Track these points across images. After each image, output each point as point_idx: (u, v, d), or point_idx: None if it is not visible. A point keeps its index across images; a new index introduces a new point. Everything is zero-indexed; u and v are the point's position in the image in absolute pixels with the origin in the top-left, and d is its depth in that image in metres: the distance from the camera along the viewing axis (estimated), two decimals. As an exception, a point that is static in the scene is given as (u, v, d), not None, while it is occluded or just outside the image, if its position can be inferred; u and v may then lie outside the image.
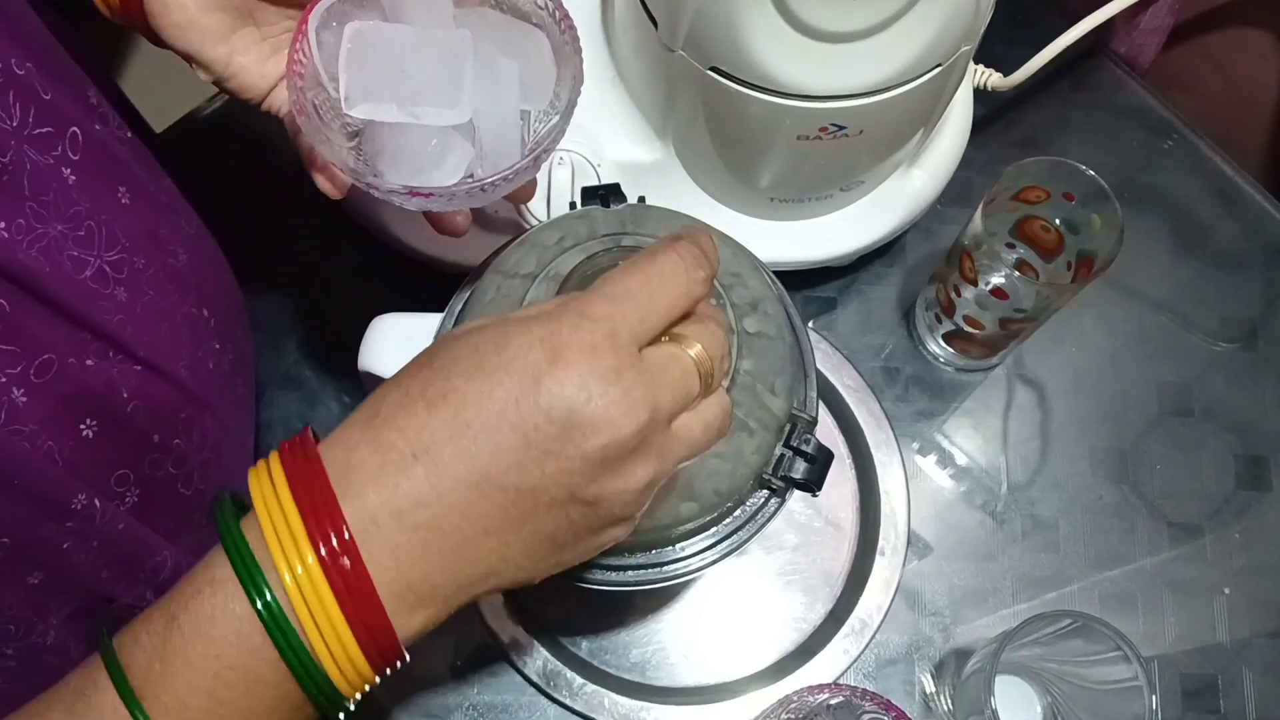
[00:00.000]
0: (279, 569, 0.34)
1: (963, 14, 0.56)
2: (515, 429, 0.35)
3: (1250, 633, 0.72)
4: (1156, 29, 0.82)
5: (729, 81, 0.58)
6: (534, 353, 0.35)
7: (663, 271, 0.38)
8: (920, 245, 0.80)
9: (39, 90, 0.46)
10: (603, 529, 0.38)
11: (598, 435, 0.35)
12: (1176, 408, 0.77)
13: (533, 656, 0.69)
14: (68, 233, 0.47)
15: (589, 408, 0.35)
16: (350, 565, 0.34)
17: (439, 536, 0.35)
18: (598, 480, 0.36)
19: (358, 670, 0.36)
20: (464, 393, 0.35)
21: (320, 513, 0.34)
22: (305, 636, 0.34)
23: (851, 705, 0.64)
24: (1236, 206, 0.82)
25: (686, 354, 0.38)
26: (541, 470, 0.35)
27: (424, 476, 0.35)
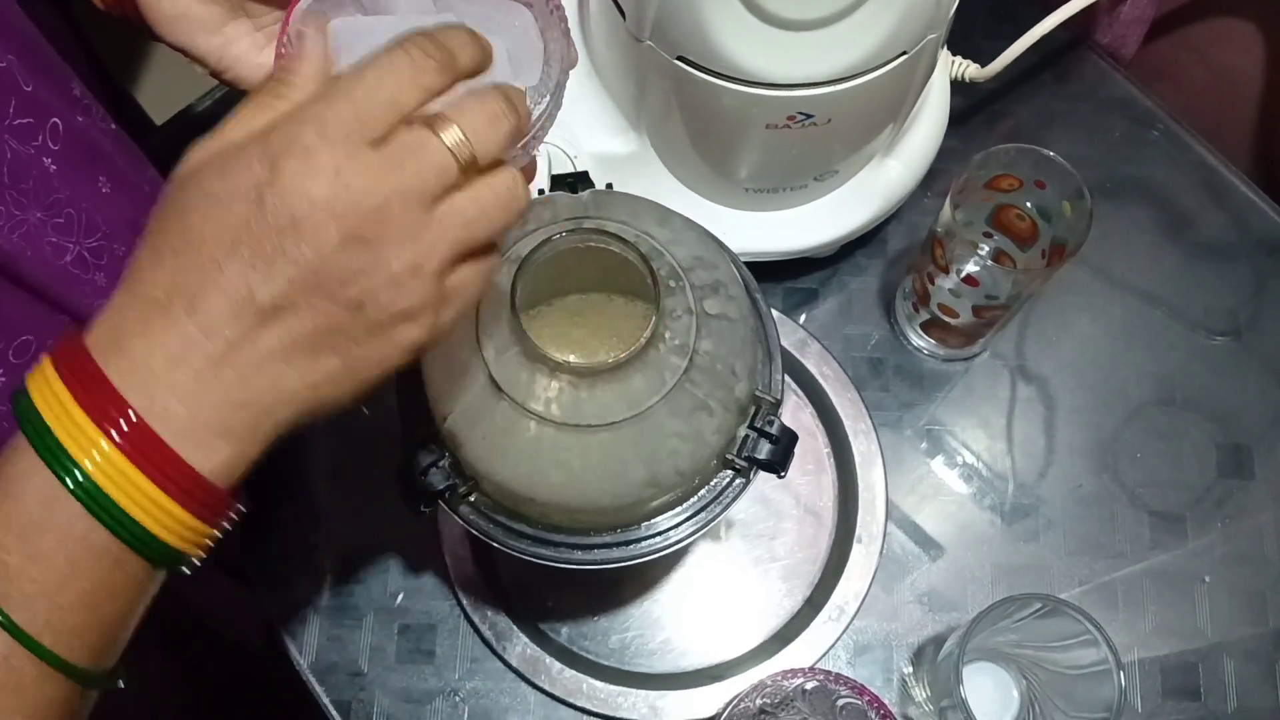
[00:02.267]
0: (77, 459, 0.35)
1: (924, 2, 0.57)
2: (252, 249, 0.35)
3: (1231, 621, 0.72)
4: (1138, 20, 0.82)
5: (696, 71, 0.59)
6: (254, 170, 0.36)
7: (381, 64, 0.38)
8: (902, 237, 0.81)
9: (20, 82, 0.47)
10: (387, 329, 0.38)
11: (327, 234, 0.35)
12: (1158, 397, 0.77)
13: (513, 643, 0.70)
14: (46, 220, 0.48)
15: (314, 209, 0.35)
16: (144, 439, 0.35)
17: (213, 368, 0.36)
18: (349, 279, 0.36)
19: (185, 525, 0.37)
20: (198, 228, 0.36)
21: (104, 404, 0.35)
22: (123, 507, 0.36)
23: (826, 690, 0.64)
24: (1221, 197, 0.82)
25: (434, 136, 0.37)
26: (287, 279, 0.35)
27: (184, 313, 0.35)
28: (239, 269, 0.35)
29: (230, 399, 0.36)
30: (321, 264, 0.35)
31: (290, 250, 0.35)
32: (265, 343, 0.36)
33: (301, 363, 0.37)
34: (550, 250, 0.48)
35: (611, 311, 0.58)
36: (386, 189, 0.36)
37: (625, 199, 0.54)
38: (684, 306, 0.49)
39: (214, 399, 0.36)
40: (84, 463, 0.35)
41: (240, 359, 0.36)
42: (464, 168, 0.38)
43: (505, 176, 0.40)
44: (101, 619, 0.37)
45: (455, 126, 0.38)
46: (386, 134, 0.37)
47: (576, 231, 0.49)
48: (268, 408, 0.37)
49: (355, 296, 0.36)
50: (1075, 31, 0.85)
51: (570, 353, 0.58)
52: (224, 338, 0.36)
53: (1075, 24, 0.76)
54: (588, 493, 0.50)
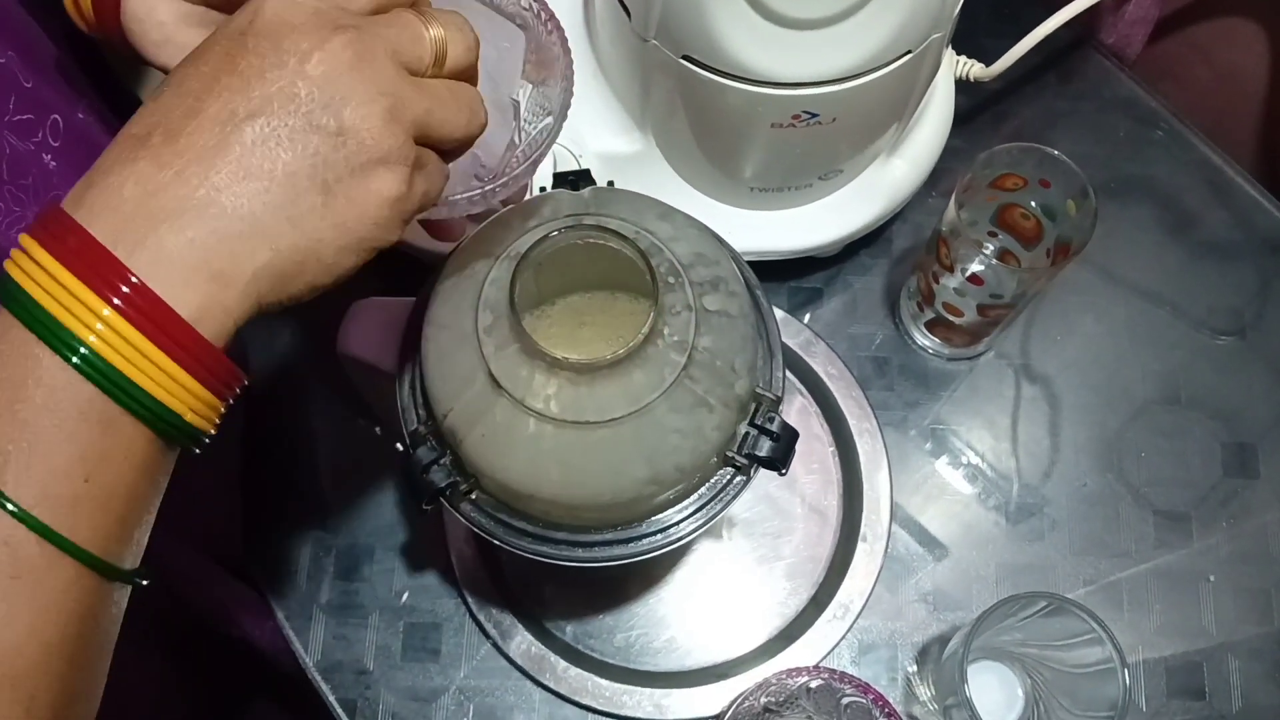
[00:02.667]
0: (78, 333, 0.33)
1: (929, 1, 0.57)
2: (232, 75, 0.35)
3: (1236, 620, 0.72)
4: (1142, 19, 0.82)
5: (701, 70, 0.59)
6: (237, 19, 0.36)
7: None
8: (906, 236, 0.81)
9: (19, 78, 0.48)
10: (364, 170, 0.36)
11: (307, 58, 0.35)
12: (1163, 396, 0.77)
13: (518, 641, 0.70)
14: None
15: (293, 35, 0.35)
16: (148, 303, 0.34)
17: (188, 192, 0.34)
18: (329, 104, 0.35)
19: (200, 398, 0.36)
20: (182, 72, 0.36)
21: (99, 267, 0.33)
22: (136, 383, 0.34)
23: (831, 688, 0.64)
24: (1225, 196, 0.82)
25: (416, 16, 0.38)
26: (266, 101, 0.35)
27: (161, 143, 0.34)
28: (218, 95, 0.35)
29: (204, 224, 0.34)
30: (303, 85, 0.35)
31: (270, 72, 0.35)
32: (244, 166, 0.35)
33: (284, 193, 0.35)
34: (549, 246, 0.48)
35: (617, 310, 0.58)
36: (366, 27, 0.36)
37: (627, 196, 0.54)
38: (683, 303, 0.49)
39: (190, 226, 0.34)
40: (87, 337, 0.33)
41: (217, 182, 0.35)
42: (436, 59, 0.38)
43: (471, 88, 0.40)
44: (108, 498, 0.35)
45: (439, 26, 0.38)
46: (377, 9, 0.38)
47: (575, 228, 0.49)
48: (245, 242, 0.35)
49: (336, 125, 0.35)
50: (1079, 31, 0.85)
51: (578, 352, 0.58)
52: (202, 163, 0.34)
53: (1079, 24, 0.76)
54: (588, 489, 0.50)
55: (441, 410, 0.50)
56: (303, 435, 0.77)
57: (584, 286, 0.58)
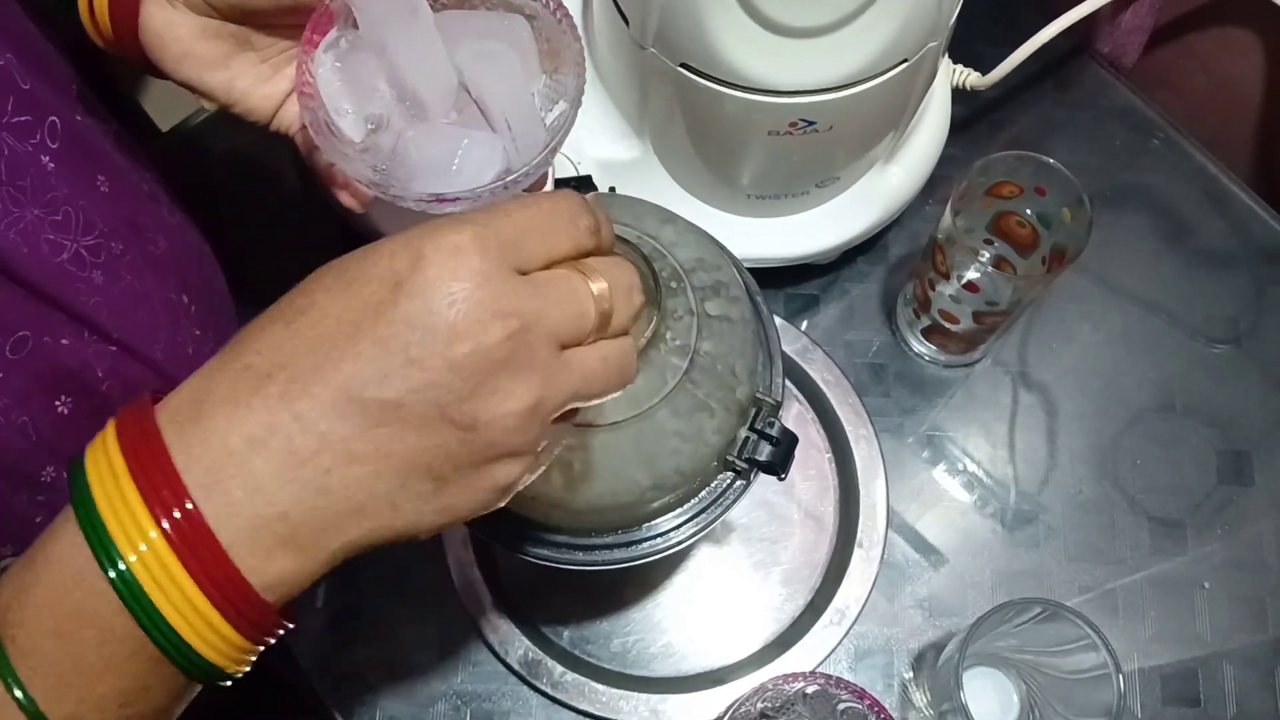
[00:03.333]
0: (121, 549, 0.31)
1: (925, 10, 0.57)
2: (374, 339, 0.32)
3: (1231, 627, 0.72)
4: (1138, 28, 0.83)
5: (699, 78, 0.60)
6: (396, 259, 0.32)
7: (544, 203, 0.35)
8: (903, 244, 0.81)
9: (18, 80, 0.47)
10: (488, 464, 0.34)
11: (462, 341, 0.32)
12: (1159, 403, 0.77)
13: (515, 646, 0.70)
14: (44, 217, 0.48)
15: (452, 310, 0.32)
16: (196, 533, 0.32)
17: (296, 462, 0.32)
18: (469, 397, 0.32)
19: (227, 640, 0.33)
20: (323, 306, 0.33)
21: (159, 485, 0.32)
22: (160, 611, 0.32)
23: (827, 694, 0.64)
24: (1221, 205, 0.83)
25: (584, 281, 0.35)
26: (405, 382, 0.32)
27: (279, 395, 0.32)
28: (355, 358, 0.32)
29: (303, 502, 0.32)
30: (450, 376, 0.32)
31: (417, 351, 0.32)
32: (361, 444, 0.32)
33: (395, 479, 0.33)
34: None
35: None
36: (531, 312, 0.33)
37: (628, 201, 0.54)
38: (685, 307, 0.49)
39: (286, 498, 0.32)
40: (128, 555, 0.31)
41: (327, 459, 0.32)
42: (599, 323, 0.35)
43: (627, 344, 0.38)
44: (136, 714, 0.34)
45: (603, 280, 0.35)
46: (536, 268, 0.35)
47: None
48: (340, 521, 0.33)
49: (471, 419, 0.33)
50: (1076, 40, 0.86)
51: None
52: (318, 431, 0.32)
53: (1076, 32, 0.76)
54: (589, 493, 0.50)
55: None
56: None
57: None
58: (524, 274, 0.34)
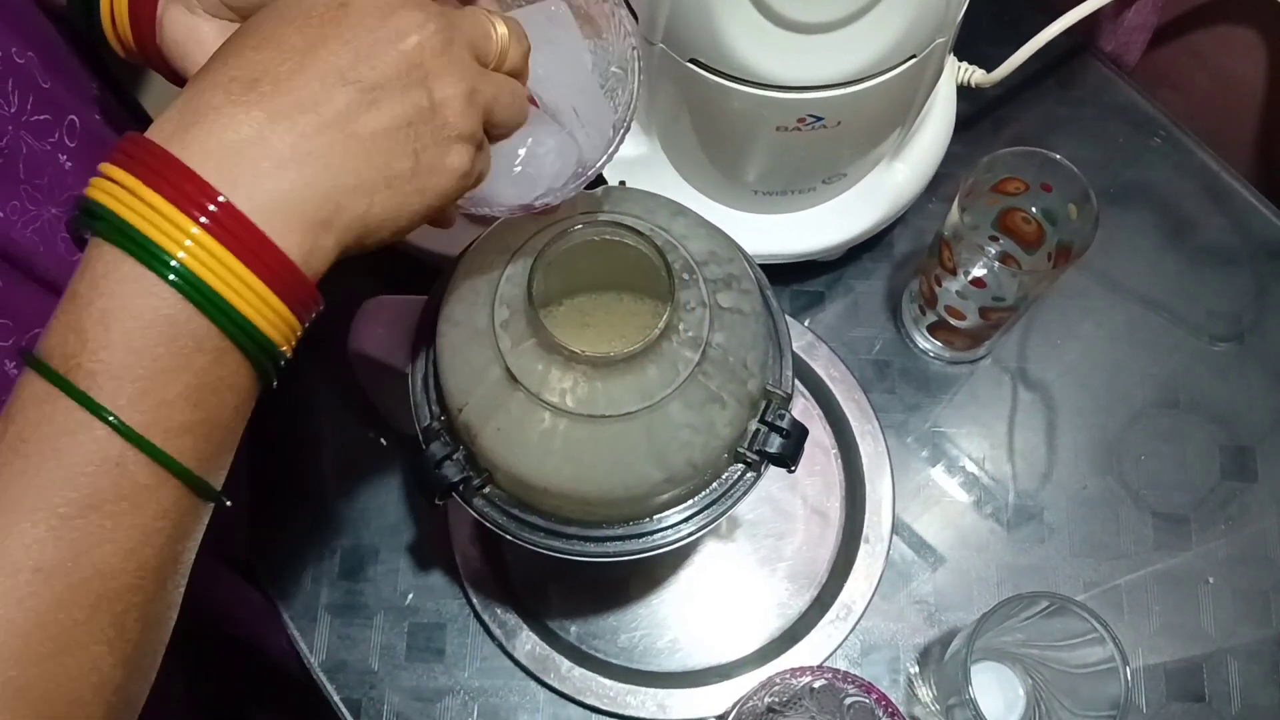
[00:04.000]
0: (169, 250, 0.34)
1: (933, 6, 0.57)
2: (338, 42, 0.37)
3: (1235, 621, 0.72)
4: (1141, 26, 0.83)
5: (707, 73, 0.60)
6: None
7: None
8: (908, 241, 0.82)
9: (38, 79, 0.48)
10: (447, 144, 0.39)
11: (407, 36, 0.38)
12: (1162, 399, 0.78)
13: (522, 641, 0.70)
14: (61, 216, 0.49)
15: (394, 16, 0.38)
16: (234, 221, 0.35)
17: (304, 141, 0.36)
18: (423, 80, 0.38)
19: (279, 314, 0.37)
20: (281, 30, 0.37)
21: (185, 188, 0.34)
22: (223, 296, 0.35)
23: (834, 688, 0.65)
24: (1223, 202, 0.83)
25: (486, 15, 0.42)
26: (371, 69, 0.37)
27: (272, 91, 0.35)
28: (328, 55, 0.36)
29: (312, 182, 0.36)
30: (403, 62, 0.37)
31: (375, 44, 0.37)
32: (356, 125, 0.37)
33: (383, 154, 0.38)
34: (567, 241, 0.49)
35: (621, 310, 0.59)
36: (455, 24, 0.39)
37: (640, 195, 0.54)
38: (697, 299, 0.50)
39: (298, 180, 0.36)
40: (176, 252, 0.34)
41: (330, 135, 0.36)
42: (496, 51, 0.42)
43: (520, 86, 0.44)
44: (206, 418, 0.36)
45: (501, 24, 0.42)
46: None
47: (594, 224, 0.49)
48: (346, 196, 0.37)
49: (429, 99, 0.38)
50: (1079, 38, 0.86)
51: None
52: (316, 112, 0.36)
53: (1079, 31, 0.77)
54: (601, 484, 0.50)
55: (456, 405, 0.51)
56: (308, 437, 0.77)
57: (589, 288, 0.58)
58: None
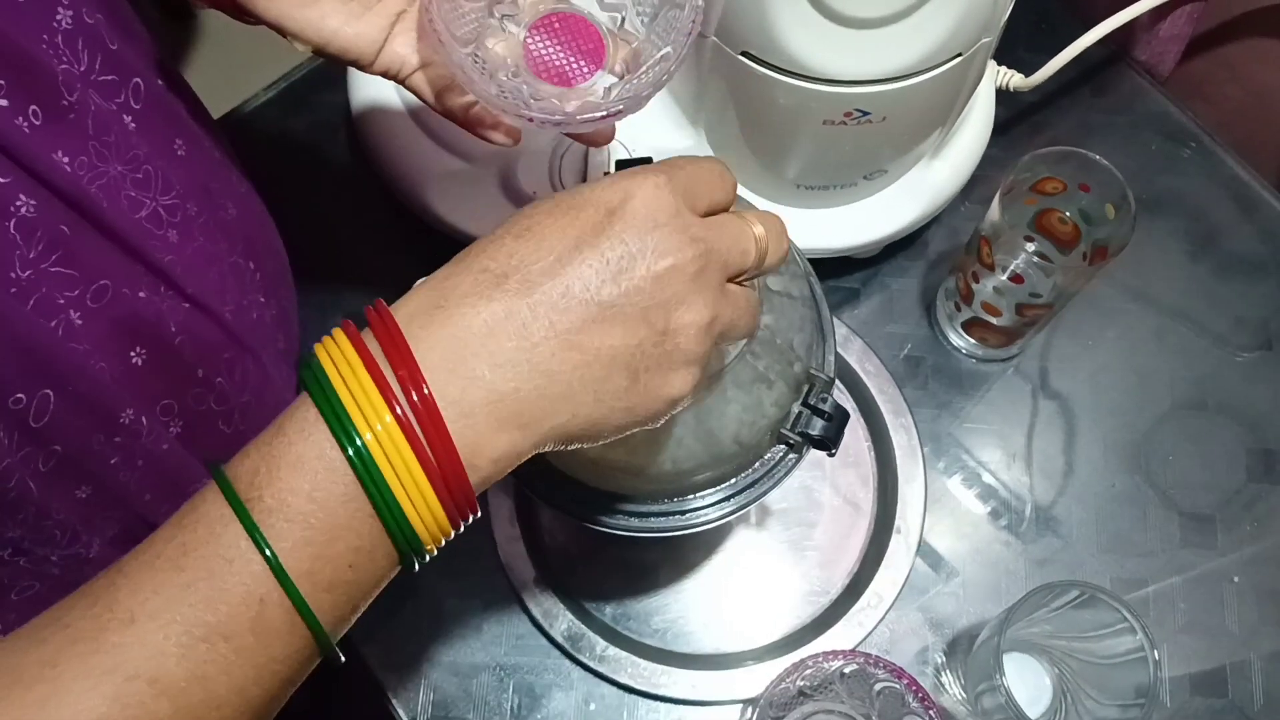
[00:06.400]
0: (359, 428, 0.36)
1: (981, 5, 0.59)
2: (594, 251, 0.38)
3: (1259, 620, 0.74)
4: (1176, 37, 0.84)
5: (759, 66, 0.62)
6: (606, 193, 0.39)
7: (702, 162, 0.43)
8: (943, 241, 0.83)
9: (106, 40, 0.49)
10: (671, 369, 0.40)
11: (663, 259, 0.39)
12: (1190, 401, 0.79)
13: (558, 620, 0.72)
14: (126, 174, 0.50)
15: (656, 233, 0.39)
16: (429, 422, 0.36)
17: (530, 344, 0.37)
18: (665, 304, 0.39)
19: (437, 519, 0.38)
20: (546, 225, 0.39)
21: (396, 371, 0.37)
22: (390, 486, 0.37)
23: (865, 673, 0.66)
24: (1253, 211, 0.85)
25: (747, 224, 0.42)
26: (617, 286, 0.38)
27: (515, 290, 0.38)
28: (578, 265, 0.38)
29: (531, 381, 0.38)
30: (651, 284, 0.39)
31: (628, 263, 0.38)
32: (580, 338, 0.38)
33: (602, 370, 0.39)
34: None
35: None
36: (712, 240, 0.40)
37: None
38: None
39: (519, 376, 0.37)
40: (365, 434, 0.36)
41: (554, 344, 0.38)
42: (755, 262, 0.43)
43: (756, 297, 0.45)
44: (352, 581, 0.38)
45: (760, 225, 0.43)
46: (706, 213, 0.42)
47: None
48: (555, 403, 0.38)
49: (665, 323, 0.39)
50: (1115, 48, 0.88)
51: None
52: (548, 319, 0.38)
53: (1115, 40, 0.78)
54: (650, 459, 0.52)
55: (511, 378, 0.52)
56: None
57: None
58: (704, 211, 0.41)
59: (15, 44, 0.42)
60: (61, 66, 0.45)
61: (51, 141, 0.45)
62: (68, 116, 0.45)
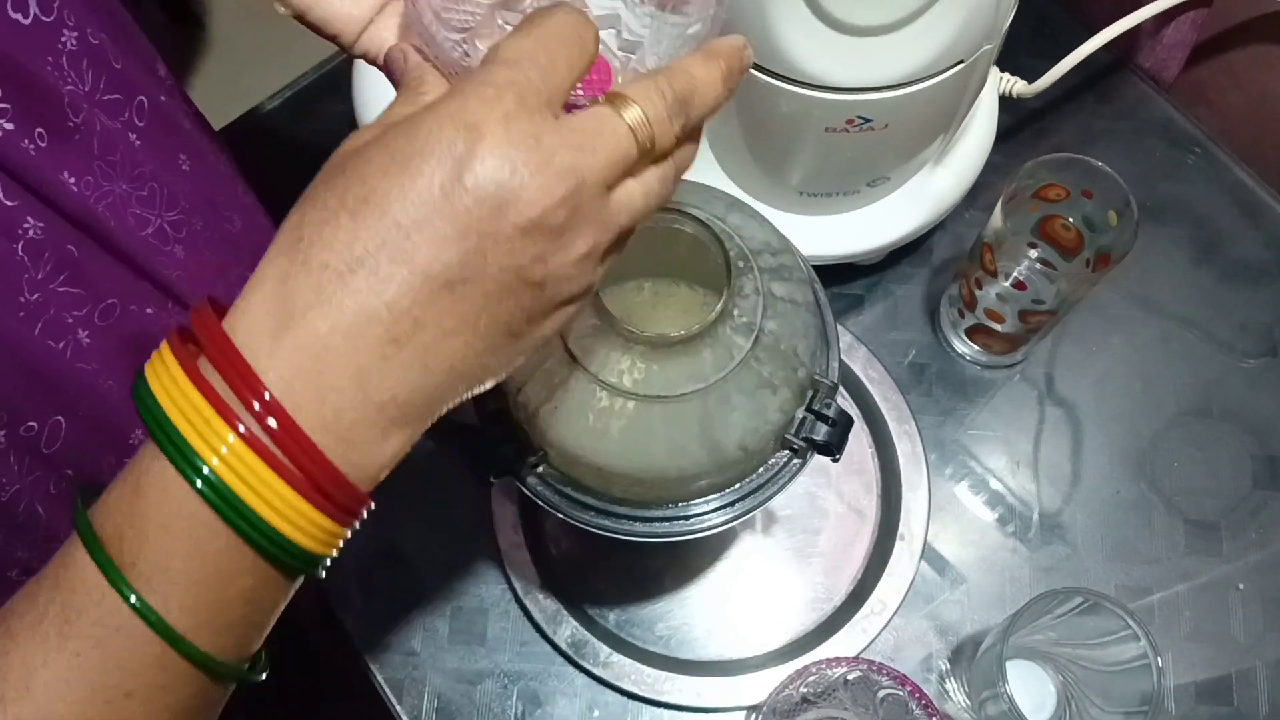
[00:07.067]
0: (202, 455, 0.32)
1: (983, 12, 0.59)
2: (448, 219, 0.33)
3: (1264, 628, 0.73)
4: (1180, 44, 0.85)
5: (761, 74, 0.62)
6: (447, 131, 0.33)
7: (551, 27, 0.36)
8: (947, 247, 0.83)
9: (110, 59, 0.50)
10: (554, 310, 0.36)
11: (531, 208, 0.33)
12: (1195, 409, 0.79)
13: (562, 627, 0.72)
14: (131, 192, 0.50)
15: (517, 180, 0.33)
16: (279, 426, 0.32)
17: (396, 349, 0.33)
18: (540, 258, 0.34)
19: (321, 527, 0.34)
20: (385, 192, 0.33)
21: (235, 384, 0.33)
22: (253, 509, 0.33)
23: (869, 680, 0.66)
24: (1258, 217, 0.84)
25: (619, 116, 0.35)
26: (484, 258, 0.33)
27: (367, 289, 0.33)
28: (431, 239, 0.33)
29: (408, 382, 0.34)
30: (521, 241, 0.34)
31: (490, 224, 0.33)
32: (451, 319, 0.34)
33: (480, 343, 0.35)
34: (627, 229, 0.50)
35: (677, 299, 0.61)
36: (582, 167, 0.34)
37: (695, 186, 0.56)
38: (752, 287, 0.51)
39: (392, 382, 0.34)
40: (210, 459, 0.32)
41: (424, 338, 0.34)
42: (642, 153, 0.36)
43: (669, 167, 0.38)
44: (247, 615, 0.36)
45: (634, 105, 0.36)
46: (565, 99, 0.36)
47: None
48: (440, 390, 0.35)
49: (540, 277, 0.35)
50: (1118, 54, 0.88)
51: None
52: (412, 316, 0.33)
53: (1118, 46, 0.78)
54: (654, 464, 0.52)
55: (515, 385, 0.52)
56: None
57: (646, 275, 0.60)
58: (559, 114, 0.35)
59: (22, 67, 0.43)
60: (67, 88, 0.46)
61: (57, 162, 0.45)
62: (74, 137, 0.46)
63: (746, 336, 0.51)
